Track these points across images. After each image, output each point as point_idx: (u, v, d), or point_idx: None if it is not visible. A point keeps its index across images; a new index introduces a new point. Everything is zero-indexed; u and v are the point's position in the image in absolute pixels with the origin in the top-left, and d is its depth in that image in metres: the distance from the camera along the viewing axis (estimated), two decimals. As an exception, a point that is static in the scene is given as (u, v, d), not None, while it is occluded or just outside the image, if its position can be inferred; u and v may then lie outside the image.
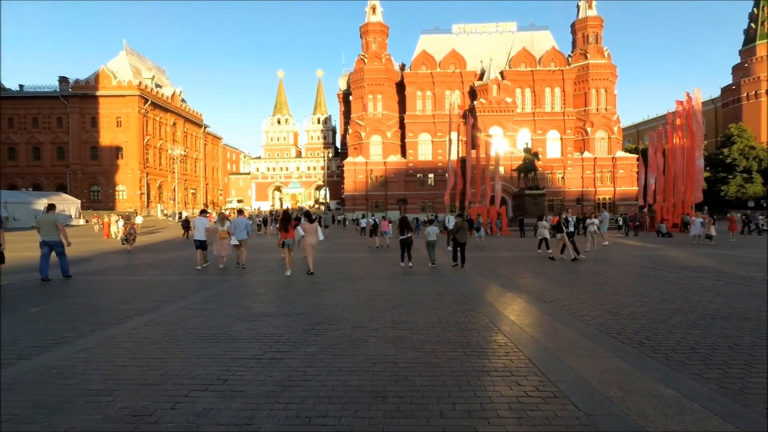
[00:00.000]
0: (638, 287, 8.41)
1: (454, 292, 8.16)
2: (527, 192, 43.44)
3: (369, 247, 20.08)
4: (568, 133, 67.62)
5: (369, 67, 65.00)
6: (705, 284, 8.67)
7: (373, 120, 65.26)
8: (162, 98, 67.51)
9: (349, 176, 65.29)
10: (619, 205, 66.47)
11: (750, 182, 71.73)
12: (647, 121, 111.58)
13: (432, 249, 12.54)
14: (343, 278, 10.01)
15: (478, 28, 72.74)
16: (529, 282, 9.31)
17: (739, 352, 4.38)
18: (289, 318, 6.09)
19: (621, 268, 11.65)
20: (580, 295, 7.75)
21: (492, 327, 5.50)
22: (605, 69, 67.97)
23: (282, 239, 11.03)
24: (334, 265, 12.97)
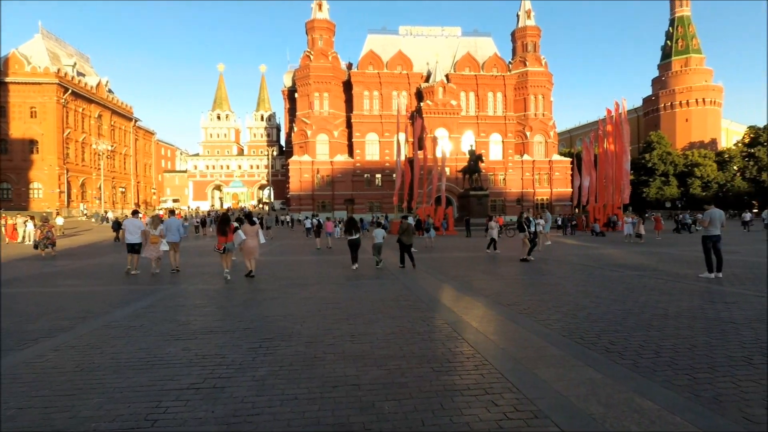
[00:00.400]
0: (588, 287, 8.58)
1: (410, 297, 7.84)
2: (472, 193, 44.64)
3: (317, 249, 19.73)
4: (509, 137, 70.57)
5: (315, 64, 63.73)
6: (647, 283, 9.04)
7: (320, 118, 64.07)
8: (85, 88, 61.69)
9: (295, 175, 63.61)
10: (555, 205, 70.37)
11: (667, 185, 78.97)
12: (579, 127, 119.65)
13: (378, 251, 12.41)
14: (292, 284, 9.36)
15: (425, 30, 73.93)
16: (484, 284, 9.22)
17: (699, 354, 4.39)
18: (233, 334, 5.41)
19: (567, 267, 12.00)
20: (535, 296, 7.73)
21: (456, 336, 5.20)
22: (542, 77, 71.71)
23: (221, 243, 10.23)
24: (282, 269, 12.22)
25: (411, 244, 12.17)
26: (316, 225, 21.96)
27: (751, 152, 75.57)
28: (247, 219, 11.16)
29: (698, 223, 10.39)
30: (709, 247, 9.67)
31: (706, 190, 76.76)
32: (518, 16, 74.79)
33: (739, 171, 77.21)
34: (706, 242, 9.73)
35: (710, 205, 10.12)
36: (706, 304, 6.76)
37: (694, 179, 77.44)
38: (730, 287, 8.31)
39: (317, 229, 21.35)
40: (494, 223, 17.50)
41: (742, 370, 3.94)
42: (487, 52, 72.90)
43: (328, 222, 21.95)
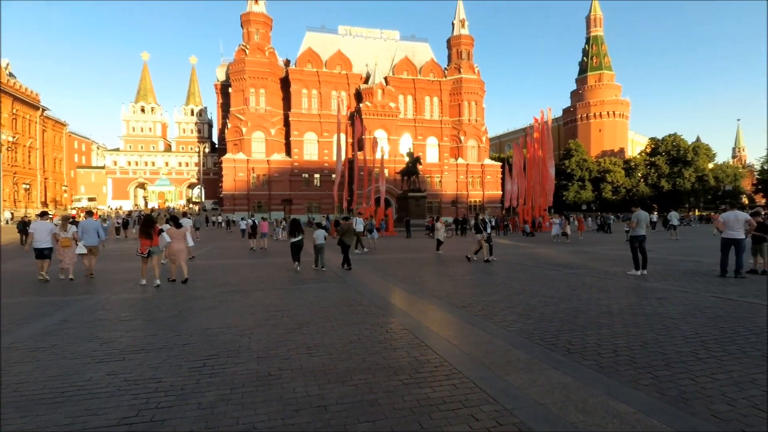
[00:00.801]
0: (533, 286, 8.83)
1: (363, 301, 7.53)
2: (410, 194, 45.31)
3: (251, 250, 19.28)
4: (445, 141, 72.81)
5: (251, 59, 61.20)
6: (585, 281, 9.53)
7: (256, 115, 61.59)
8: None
9: (229, 174, 60.49)
10: (486, 207, 73.76)
11: (584, 189, 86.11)
12: (508, 134, 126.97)
13: (321, 253, 12.19)
14: (232, 291, 8.63)
15: (364, 32, 74.02)
16: (435, 285, 9.16)
17: (653, 351, 4.56)
18: (170, 352, 4.74)
19: (509, 267, 12.36)
20: (486, 297, 7.77)
21: (419, 343, 4.98)
22: (476, 84, 74.92)
23: (144, 247, 9.32)
24: (219, 274, 11.31)
25: (350, 245, 12.17)
26: (251, 226, 21.31)
27: (652, 161, 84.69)
28: (173, 221, 10.31)
29: (627, 224, 11.10)
30: (636, 246, 10.44)
31: (616, 194, 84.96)
32: (453, 24, 77.50)
33: (642, 177, 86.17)
34: (634, 242, 10.50)
35: (637, 208, 10.95)
36: (642, 301, 7.20)
37: (606, 184, 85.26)
38: (656, 283, 8.98)
39: (252, 230, 20.92)
40: (440, 224, 17.78)
41: (694, 365, 4.12)
42: (424, 57, 74.67)
43: (263, 222, 21.53)
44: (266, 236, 21.03)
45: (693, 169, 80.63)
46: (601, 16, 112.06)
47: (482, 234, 13.89)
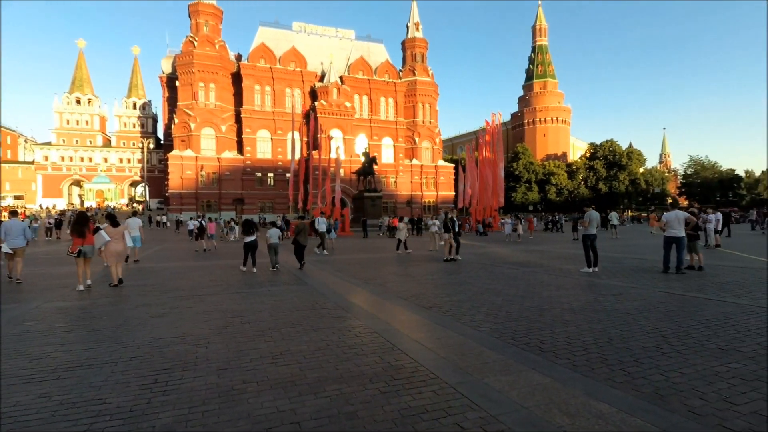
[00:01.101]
0: (495, 285, 8.92)
1: (327, 303, 7.23)
2: (366, 194, 45.22)
3: (196, 251, 18.57)
4: (400, 141, 73.42)
5: (200, 51, 58.48)
6: (542, 278, 9.78)
7: (205, 111, 58.91)
8: None
9: (175, 171, 57.38)
10: (440, 207, 75.20)
11: (530, 191, 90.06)
12: (459, 136, 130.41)
13: (275, 252, 11.99)
14: (184, 296, 8.00)
15: (319, 29, 73.03)
16: (399, 286, 9.01)
17: (620, 348, 4.65)
18: (115, 367, 4.22)
19: (469, 266, 12.49)
20: (451, 297, 7.73)
21: (391, 347, 4.78)
22: (430, 87, 76.13)
23: (76, 247, 8.54)
24: (167, 278, 10.51)
25: (305, 245, 12.16)
26: (198, 227, 21.03)
27: (591, 165, 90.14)
28: (110, 220, 9.56)
29: (579, 223, 11.56)
30: (588, 245, 10.89)
31: (560, 195, 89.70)
32: (408, 27, 78.29)
33: (583, 180, 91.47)
34: (586, 240, 10.94)
35: (589, 208, 11.43)
36: (599, 297, 7.45)
37: (550, 186, 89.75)
38: (608, 280, 9.38)
39: (199, 231, 20.55)
40: (403, 225, 17.79)
41: (661, 360, 4.23)
42: (379, 58, 74.88)
43: (211, 223, 21.13)
44: (214, 237, 20.63)
45: (627, 172, 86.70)
46: (546, 27, 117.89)
47: (450, 233, 13.92)
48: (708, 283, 8.78)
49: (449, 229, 14.06)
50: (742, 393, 3.42)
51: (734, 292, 7.72)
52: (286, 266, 12.50)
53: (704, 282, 8.88)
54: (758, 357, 4.25)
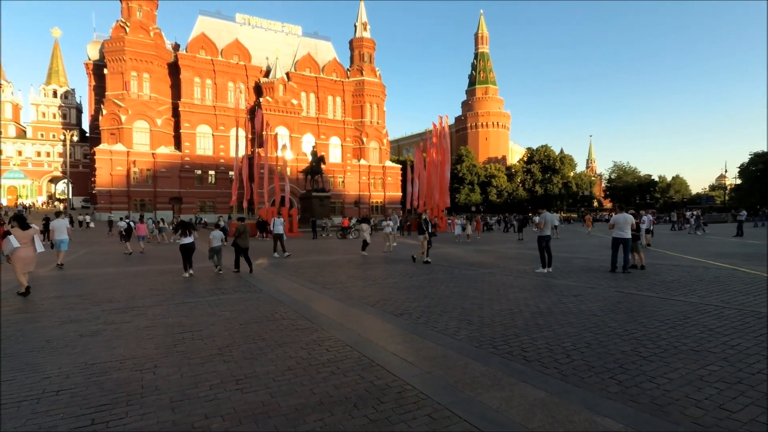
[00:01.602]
0: (459, 288, 8.79)
1: (288, 313, 6.66)
2: (314, 194, 44.21)
3: (125, 254, 17.29)
4: (348, 141, 72.82)
5: (132, 38, 54.21)
6: (503, 280, 9.82)
7: (139, 102, 54.68)
8: None
9: (104, 167, 52.71)
10: (388, 208, 75.60)
11: (473, 192, 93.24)
12: (405, 138, 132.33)
13: (217, 255, 11.52)
14: (120, 308, 7.05)
15: (264, 23, 70.56)
16: (361, 291, 8.61)
17: (600, 353, 4.60)
18: (37, 406, 3.44)
19: (428, 268, 12.33)
20: (418, 302, 7.46)
21: (369, 363, 4.38)
22: (377, 87, 76.25)
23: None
24: (98, 287, 9.30)
25: (247, 247, 11.73)
26: (125, 228, 19.69)
27: (528, 168, 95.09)
28: (18, 221, 8.32)
29: (534, 225, 11.79)
30: (543, 246, 11.15)
31: (500, 197, 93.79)
32: (356, 26, 77.87)
33: (521, 183, 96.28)
34: (541, 242, 11.19)
35: (543, 210, 11.71)
36: (563, 299, 7.53)
37: (492, 188, 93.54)
38: (563, 280, 9.60)
39: (126, 233, 19.32)
40: (367, 226, 17.38)
41: (644, 365, 4.21)
42: (327, 56, 73.79)
43: (141, 224, 19.79)
44: (144, 239, 19.45)
45: (560, 176, 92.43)
46: (488, 35, 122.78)
47: (424, 234, 13.65)
48: (654, 282, 9.25)
49: (423, 230, 13.76)
50: (733, 398, 3.41)
51: (680, 290, 8.16)
52: (237, 272, 11.65)
53: (650, 281, 9.35)
54: (729, 357, 4.36)
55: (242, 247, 11.62)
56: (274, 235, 16.61)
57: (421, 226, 14.04)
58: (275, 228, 16.63)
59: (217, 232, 11.66)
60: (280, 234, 16.51)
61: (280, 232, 16.55)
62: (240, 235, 11.72)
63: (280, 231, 16.61)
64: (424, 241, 13.77)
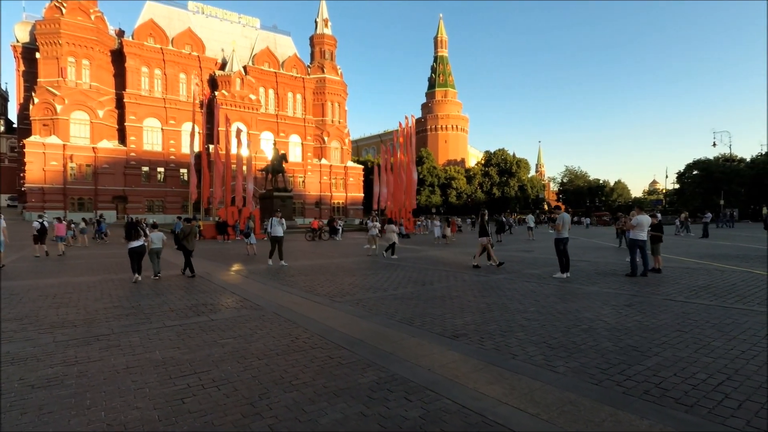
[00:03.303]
0: (490, 298, 7.71)
1: (312, 338, 5.21)
2: (276, 194, 41.99)
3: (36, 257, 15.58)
4: (309, 140, 70.57)
5: (69, 20, 49.15)
6: (530, 287, 8.83)
7: (77, 91, 49.65)
8: None
9: (35, 162, 47.29)
10: (349, 209, 74.07)
11: (434, 194, 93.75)
12: (364, 138, 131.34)
13: (157, 259, 10.68)
14: (81, 336, 5.28)
15: (219, 12, 66.84)
16: (381, 304, 7.24)
17: (752, 390, 3.62)
18: None
19: (428, 272, 11.18)
20: (462, 318, 6.24)
21: (482, 420, 3.11)
22: (339, 86, 74.57)
23: None
24: (44, 302, 7.29)
25: (192, 250, 11.13)
26: (38, 229, 17.12)
27: (486, 171, 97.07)
28: None
29: (551, 226, 10.96)
30: (562, 249, 10.32)
31: (459, 199, 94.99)
32: (316, 22, 75.75)
33: (479, 185, 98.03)
34: (559, 245, 10.35)
35: (560, 210, 10.90)
36: (620, 310, 6.60)
37: (452, 190, 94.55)
38: (591, 287, 8.75)
39: (40, 233, 16.92)
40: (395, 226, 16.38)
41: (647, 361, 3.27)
42: (287, 51, 71.15)
43: (60, 224, 18.43)
44: (63, 240, 18.17)
45: (516, 179, 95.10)
46: (447, 39, 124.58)
47: (488, 237, 12.28)
48: (687, 287, 8.63)
49: (486, 232, 12.31)
50: None
51: (727, 297, 7.53)
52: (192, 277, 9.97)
53: (681, 286, 8.73)
54: None
55: (188, 249, 10.99)
56: (271, 238, 13.82)
57: (483, 227, 12.45)
58: (274, 230, 13.80)
59: (157, 234, 10.94)
60: (279, 238, 13.63)
61: (279, 235, 13.65)
62: (185, 237, 11.08)
63: (280, 234, 13.69)
64: (488, 244, 12.36)
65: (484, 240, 12.35)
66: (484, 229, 12.45)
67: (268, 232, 13.74)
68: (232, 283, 9.85)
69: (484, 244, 12.39)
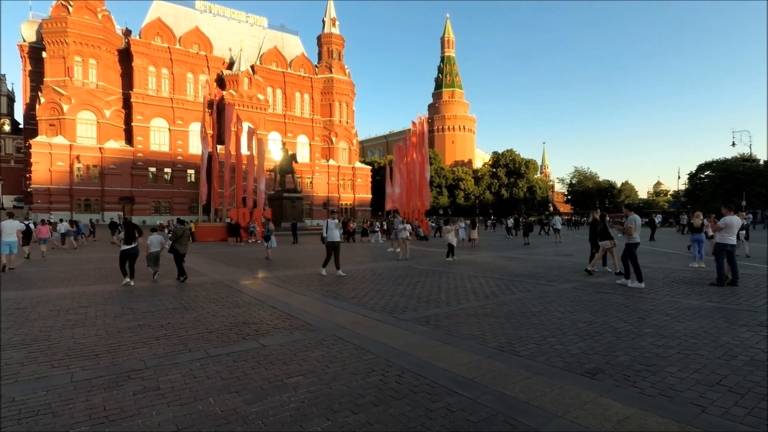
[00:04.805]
0: (584, 315, 6.50)
1: (405, 375, 4.04)
2: (286, 195, 41.02)
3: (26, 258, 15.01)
4: (317, 140, 69.57)
5: (77, 18, 48.35)
6: (616, 299, 7.64)
7: (83, 91, 48.81)
8: None
9: (42, 162, 46.42)
10: (357, 210, 72.89)
11: (441, 195, 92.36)
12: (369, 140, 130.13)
13: (155, 262, 10.53)
14: (107, 374, 4.14)
15: (227, 12, 66.05)
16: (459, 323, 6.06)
17: None
18: None
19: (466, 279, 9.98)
20: (579, 343, 5.04)
21: None
22: (346, 86, 73.54)
23: None
24: (55, 323, 6.13)
25: (185, 253, 10.75)
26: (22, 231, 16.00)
27: (494, 172, 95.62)
28: None
29: (621, 230, 9.72)
30: (635, 255, 9.12)
31: (467, 200, 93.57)
32: (324, 21, 74.81)
33: (487, 186, 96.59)
34: (633, 250, 9.16)
35: (631, 211, 9.71)
36: (749, 329, 5.39)
37: (459, 191, 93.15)
38: (690, 299, 7.58)
39: (25, 235, 16.07)
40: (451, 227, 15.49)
41: None
42: (294, 50, 70.23)
43: (43, 226, 18.09)
44: (47, 242, 17.99)
45: (525, 180, 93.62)
46: (453, 39, 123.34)
47: (612, 240, 10.98)
48: (799, 300, 7.41)
49: (610, 234, 10.94)
50: None
51: None
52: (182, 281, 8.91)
53: (793, 299, 7.51)
54: None
55: (180, 252, 10.60)
56: (327, 244, 11.57)
57: (605, 230, 11.10)
58: (330, 234, 11.52)
59: (155, 237, 10.68)
60: (336, 243, 11.54)
61: (336, 240, 11.55)
62: (178, 239, 10.74)
63: (337, 239, 11.61)
64: (612, 247, 11.07)
65: (608, 243, 10.99)
66: (607, 232, 11.06)
67: (323, 237, 11.65)
68: (265, 293, 8.67)
69: (608, 248, 11.10)
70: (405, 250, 15.86)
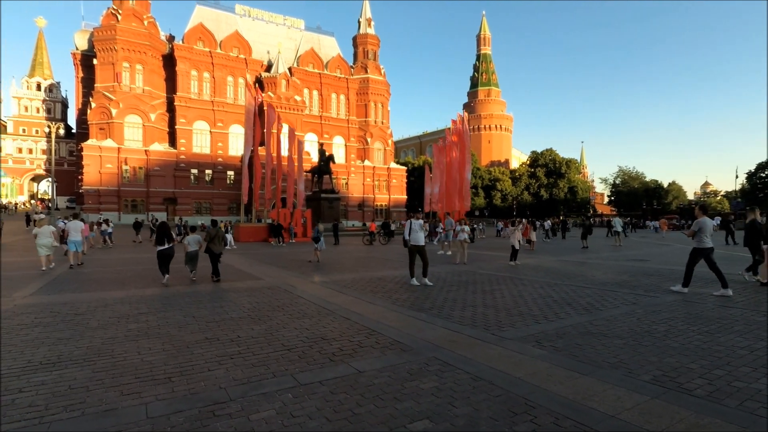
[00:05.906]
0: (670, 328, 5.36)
1: (558, 419, 3.12)
2: (323, 195, 40.66)
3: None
4: (352, 141, 69.32)
5: (125, 26, 50.02)
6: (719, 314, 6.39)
7: (131, 96, 50.41)
8: None
9: (92, 164, 48.27)
10: (392, 211, 72.09)
11: (477, 196, 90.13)
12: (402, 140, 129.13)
13: (193, 261, 10.57)
14: (173, 404, 3.43)
15: (265, 15, 66.88)
16: (577, 345, 5.11)
17: None
18: None
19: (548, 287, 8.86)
20: (712, 370, 4.00)
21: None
22: (382, 86, 72.90)
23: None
24: (117, 334, 5.56)
25: (221, 253, 10.89)
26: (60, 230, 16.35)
27: (533, 172, 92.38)
28: None
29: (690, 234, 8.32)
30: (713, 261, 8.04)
31: (504, 201, 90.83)
32: (359, 22, 74.56)
33: (525, 187, 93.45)
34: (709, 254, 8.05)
35: (700, 213, 8.44)
36: None
37: (496, 192, 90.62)
38: None
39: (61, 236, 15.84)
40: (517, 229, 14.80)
41: None
42: (330, 51, 70.33)
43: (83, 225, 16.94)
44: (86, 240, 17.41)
45: (566, 180, 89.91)
46: (490, 36, 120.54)
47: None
48: None
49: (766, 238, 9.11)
50: None
51: None
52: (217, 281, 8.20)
53: None
54: None
55: (215, 252, 10.70)
56: (410, 248, 10.10)
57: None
58: (413, 237, 10.02)
59: (193, 237, 10.77)
60: (421, 247, 9.97)
61: (421, 244, 9.98)
62: (212, 240, 10.78)
63: (422, 242, 9.99)
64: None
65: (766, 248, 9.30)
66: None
67: (406, 240, 10.21)
68: (329, 300, 7.91)
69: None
70: (463, 254, 14.86)
